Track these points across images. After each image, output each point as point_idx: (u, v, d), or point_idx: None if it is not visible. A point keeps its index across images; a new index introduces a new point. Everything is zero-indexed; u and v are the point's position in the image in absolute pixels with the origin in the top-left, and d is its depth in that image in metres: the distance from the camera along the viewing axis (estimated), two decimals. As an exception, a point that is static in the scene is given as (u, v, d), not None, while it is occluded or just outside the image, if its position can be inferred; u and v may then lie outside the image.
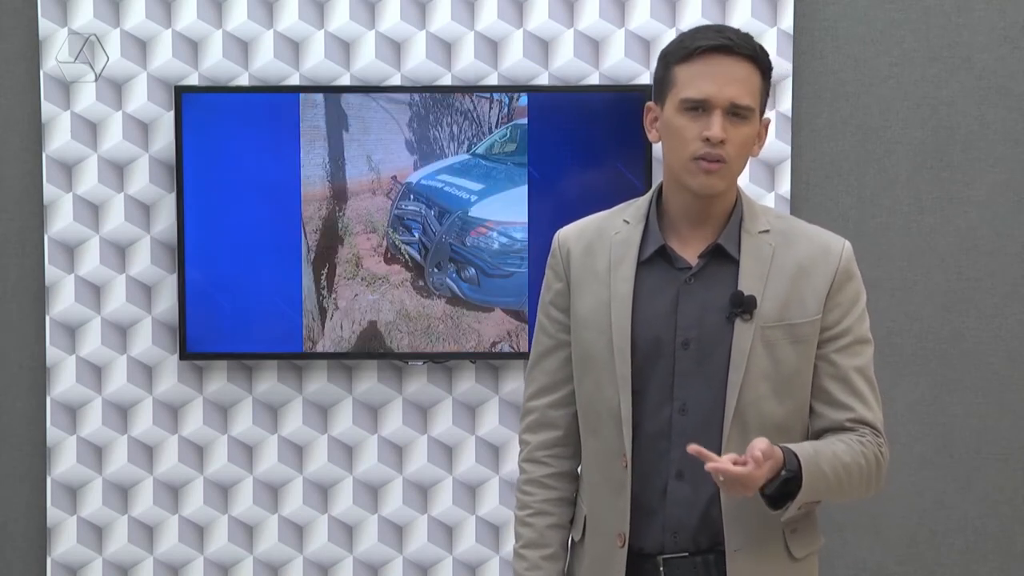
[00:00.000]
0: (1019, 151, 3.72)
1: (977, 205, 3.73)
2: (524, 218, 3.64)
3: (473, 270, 3.66)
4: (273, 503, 3.79)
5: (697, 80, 2.12)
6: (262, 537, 3.80)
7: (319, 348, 3.68)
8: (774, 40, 3.66)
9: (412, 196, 3.65)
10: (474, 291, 3.67)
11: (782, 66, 3.67)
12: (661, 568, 2.20)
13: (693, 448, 2.01)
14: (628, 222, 2.25)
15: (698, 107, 2.12)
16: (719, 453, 2.13)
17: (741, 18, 3.66)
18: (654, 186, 2.29)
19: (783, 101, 3.68)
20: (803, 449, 2.10)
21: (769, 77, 2.19)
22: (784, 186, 3.70)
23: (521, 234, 3.64)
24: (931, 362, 3.76)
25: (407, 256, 3.67)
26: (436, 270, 3.67)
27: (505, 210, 3.65)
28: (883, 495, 3.74)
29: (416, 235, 3.66)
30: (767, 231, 2.20)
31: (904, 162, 3.73)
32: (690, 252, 2.20)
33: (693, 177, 2.14)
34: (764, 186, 3.69)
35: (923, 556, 3.79)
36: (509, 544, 3.77)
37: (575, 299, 2.27)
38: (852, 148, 3.73)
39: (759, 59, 2.16)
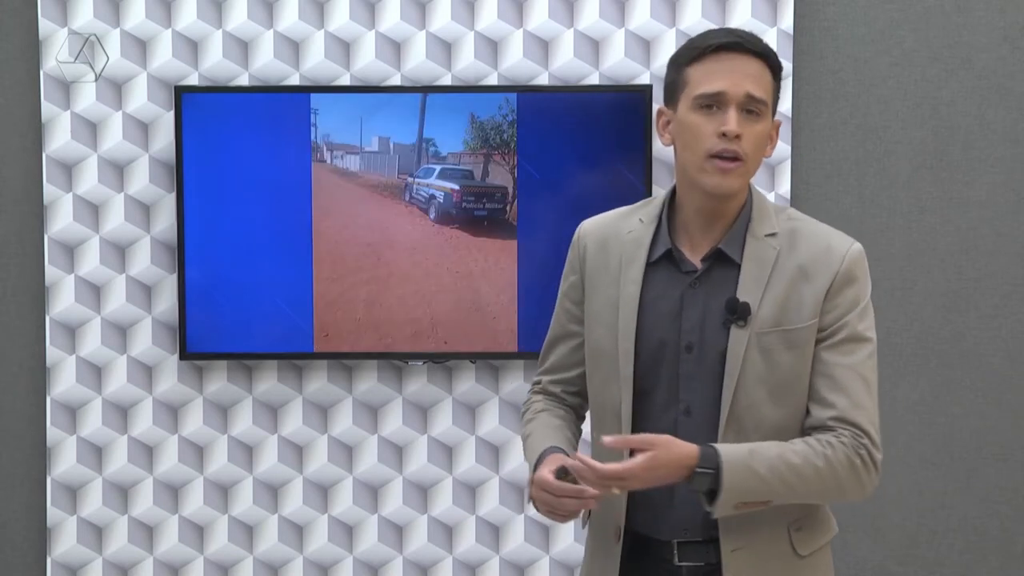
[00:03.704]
0: (1019, 151, 3.72)
1: (977, 205, 3.73)
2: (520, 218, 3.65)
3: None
4: (273, 503, 3.79)
5: (711, 76, 2.14)
6: (262, 537, 3.80)
7: (319, 348, 3.68)
8: (774, 40, 3.66)
9: (412, 196, 3.66)
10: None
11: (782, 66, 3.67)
12: (675, 551, 2.22)
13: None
14: (642, 221, 2.27)
15: (713, 103, 2.13)
16: None
17: (741, 18, 3.66)
18: (671, 186, 2.29)
19: (783, 101, 3.68)
20: (736, 448, 2.11)
21: (779, 78, 2.20)
22: (784, 186, 3.70)
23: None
24: (931, 362, 3.76)
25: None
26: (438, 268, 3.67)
27: (503, 209, 3.65)
28: (883, 495, 3.75)
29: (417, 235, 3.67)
30: (774, 234, 2.20)
31: (904, 162, 3.73)
32: (698, 255, 2.22)
33: (708, 176, 2.14)
34: (764, 186, 3.69)
35: (923, 556, 3.79)
36: (509, 544, 3.78)
37: (589, 295, 2.30)
38: (852, 148, 3.73)
39: (770, 58, 2.18)
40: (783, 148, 3.69)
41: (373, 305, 3.69)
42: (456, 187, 3.65)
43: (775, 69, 2.18)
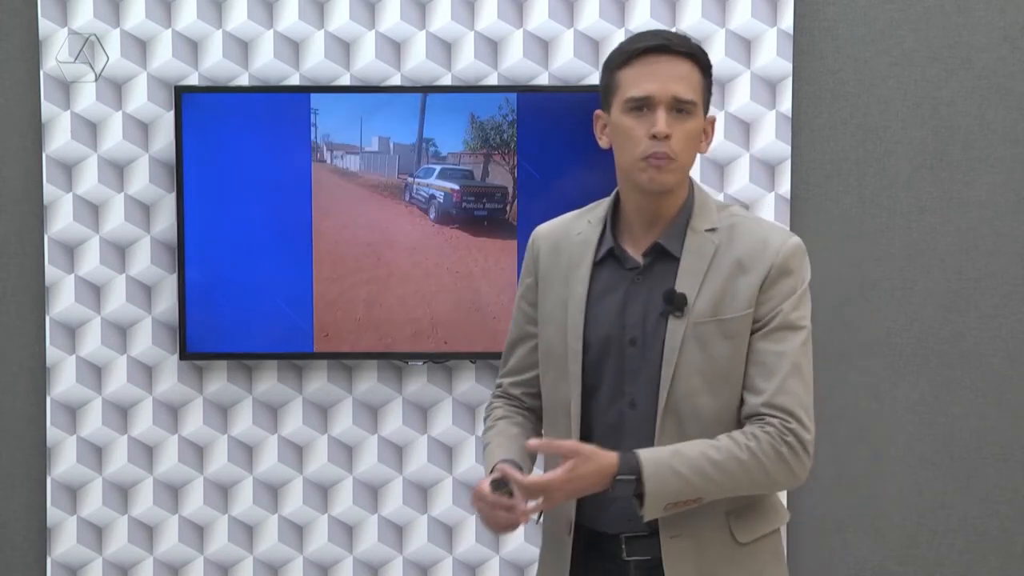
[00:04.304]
0: (1019, 151, 3.72)
1: (977, 205, 3.73)
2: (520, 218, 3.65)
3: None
4: (273, 503, 3.79)
5: (639, 80, 2.20)
6: (262, 537, 3.80)
7: (319, 348, 3.68)
8: (774, 40, 3.66)
9: (412, 196, 3.66)
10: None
11: (782, 66, 3.67)
12: (624, 545, 2.26)
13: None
14: (591, 223, 2.34)
15: (642, 106, 2.20)
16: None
17: (741, 18, 3.66)
18: (616, 189, 2.35)
19: (783, 101, 3.68)
20: (656, 452, 2.15)
21: (710, 75, 2.26)
22: (784, 186, 3.70)
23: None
24: (931, 362, 3.76)
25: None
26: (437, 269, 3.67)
27: (503, 209, 3.65)
28: (883, 495, 3.75)
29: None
30: (714, 229, 2.26)
31: (904, 162, 3.73)
32: (640, 251, 2.28)
33: (643, 174, 2.21)
34: (764, 186, 3.69)
35: (923, 556, 3.79)
36: (509, 545, 3.78)
37: (541, 296, 2.37)
38: (852, 148, 3.73)
39: (698, 57, 2.23)
40: (783, 148, 3.69)
41: (373, 305, 3.69)
42: (456, 187, 3.65)
43: (704, 67, 2.24)
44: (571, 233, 2.35)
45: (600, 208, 2.36)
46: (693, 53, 2.22)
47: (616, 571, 2.27)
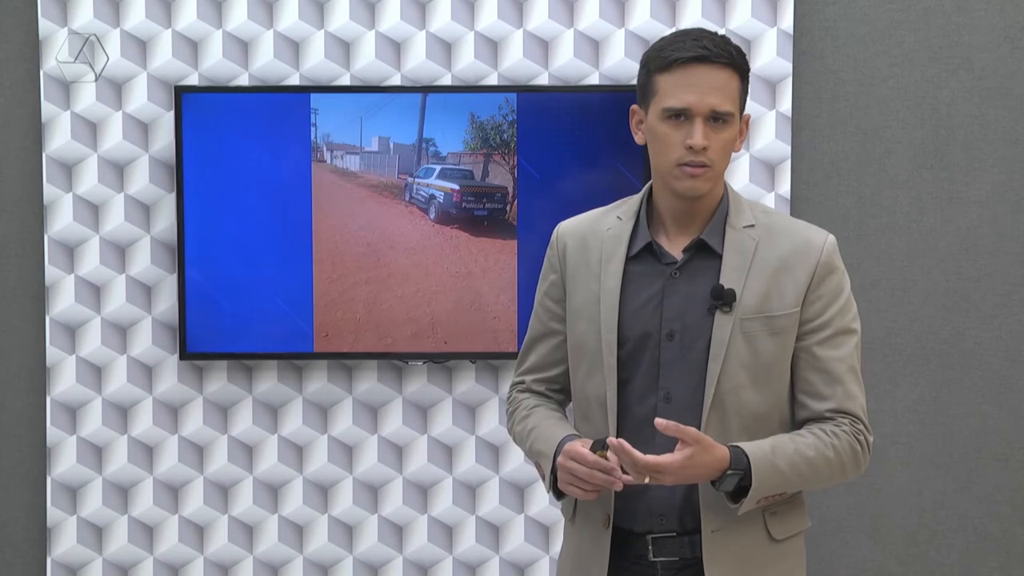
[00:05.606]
0: (1019, 151, 3.72)
1: (977, 205, 3.73)
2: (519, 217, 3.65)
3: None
4: (273, 503, 3.79)
5: (677, 90, 2.20)
6: (262, 537, 3.80)
7: (319, 348, 3.68)
8: (774, 40, 3.66)
9: (412, 196, 3.66)
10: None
11: (782, 66, 3.67)
12: (650, 546, 2.28)
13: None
14: (621, 219, 2.35)
15: (680, 115, 2.20)
16: None
17: (741, 18, 3.66)
18: (647, 184, 2.36)
19: (783, 101, 3.68)
20: (759, 447, 2.19)
21: (747, 78, 2.26)
22: (784, 186, 3.70)
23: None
24: (931, 362, 3.76)
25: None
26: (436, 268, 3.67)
27: (503, 209, 3.66)
28: (883, 495, 3.75)
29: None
30: (752, 226, 2.28)
31: (904, 162, 3.73)
32: (677, 247, 2.29)
33: (679, 181, 2.22)
34: (764, 186, 3.69)
35: (923, 556, 3.79)
36: (509, 545, 3.77)
37: (570, 292, 2.37)
38: (852, 148, 3.73)
39: (736, 64, 2.23)
40: (783, 148, 3.69)
41: (373, 305, 3.69)
42: (456, 187, 3.65)
43: (743, 72, 2.24)
44: (599, 228, 2.35)
45: (628, 204, 2.36)
46: (732, 61, 2.21)
47: (643, 572, 2.29)
